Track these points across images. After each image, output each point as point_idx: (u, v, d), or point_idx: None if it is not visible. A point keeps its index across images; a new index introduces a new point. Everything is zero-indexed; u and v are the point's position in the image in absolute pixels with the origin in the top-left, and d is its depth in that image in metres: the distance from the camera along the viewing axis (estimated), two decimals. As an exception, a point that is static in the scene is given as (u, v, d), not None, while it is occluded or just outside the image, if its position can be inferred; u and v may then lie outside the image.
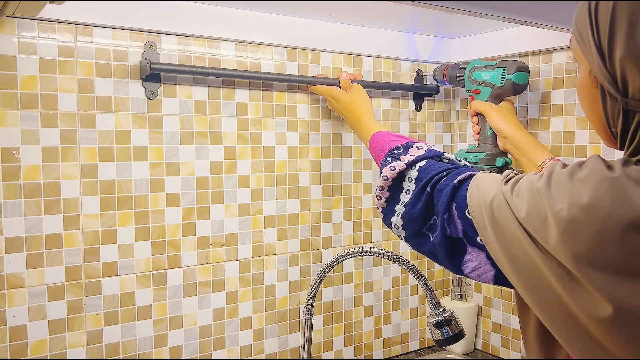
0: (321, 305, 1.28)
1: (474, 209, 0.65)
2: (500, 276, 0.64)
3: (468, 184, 0.68)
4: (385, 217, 0.82)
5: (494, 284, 0.66)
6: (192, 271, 1.10)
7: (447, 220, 0.69)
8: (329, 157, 1.27)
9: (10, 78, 0.92)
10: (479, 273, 0.67)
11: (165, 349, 1.08)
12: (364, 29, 1.28)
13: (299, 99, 1.22)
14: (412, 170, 0.78)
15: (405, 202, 0.77)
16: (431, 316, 1.04)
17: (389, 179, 0.80)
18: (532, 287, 0.59)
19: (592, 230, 0.52)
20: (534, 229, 0.57)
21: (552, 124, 1.26)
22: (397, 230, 0.78)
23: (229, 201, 1.14)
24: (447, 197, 0.69)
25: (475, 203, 0.65)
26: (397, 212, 0.78)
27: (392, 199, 0.80)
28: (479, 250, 0.66)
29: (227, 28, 1.10)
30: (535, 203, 0.57)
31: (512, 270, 0.60)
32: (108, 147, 1.01)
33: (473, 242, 0.67)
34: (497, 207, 0.62)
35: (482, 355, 1.44)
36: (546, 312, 0.58)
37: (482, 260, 0.66)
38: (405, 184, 0.78)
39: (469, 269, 0.68)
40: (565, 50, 1.23)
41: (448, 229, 0.69)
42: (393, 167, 0.80)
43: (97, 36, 0.99)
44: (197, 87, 1.09)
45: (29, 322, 0.95)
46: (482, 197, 0.64)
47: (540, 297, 0.58)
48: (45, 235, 0.96)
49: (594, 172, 0.54)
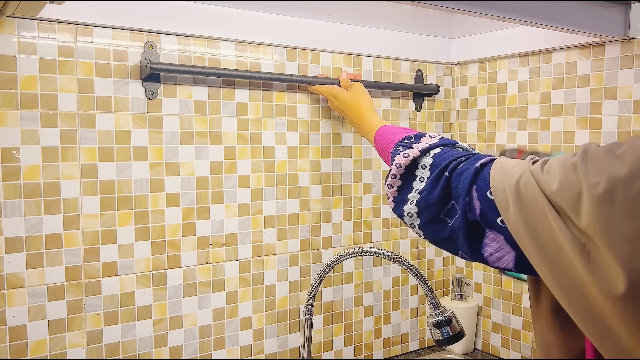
0: (321, 305, 1.28)
1: (497, 189, 0.64)
2: (521, 259, 0.63)
3: (490, 167, 0.67)
4: (396, 206, 0.80)
5: (513, 268, 0.65)
6: (192, 271, 1.10)
7: (468, 203, 0.67)
8: (329, 157, 1.27)
9: (10, 78, 0.92)
10: (499, 256, 0.66)
11: (165, 349, 1.08)
12: (364, 29, 1.28)
13: (299, 99, 1.22)
14: (427, 157, 0.77)
15: (419, 189, 0.75)
16: (431, 316, 1.04)
17: (402, 166, 0.78)
18: (553, 266, 0.58)
19: (627, 202, 0.52)
20: (566, 202, 0.56)
21: (552, 124, 1.26)
22: (410, 219, 0.76)
23: (229, 201, 1.14)
24: (469, 180, 0.68)
25: (498, 183, 0.64)
26: (411, 200, 0.76)
27: (404, 187, 0.79)
28: (497, 233, 0.65)
29: (227, 28, 1.10)
30: (568, 177, 0.57)
31: (534, 249, 0.60)
32: (108, 147, 1.01)
33: (491, 224, 0.65)
34: (524, 185, 0.61)
35: (482, 355, 1.44)
36: (565, 292, 0.58)
37: (502, 243, 0.65)
38: (419, 171, 0.77)
39: (489, 252, 0.67)
40: (565, 50, 1.23)
41: (468, 213, 0.68)
42: (407, 154, 0.78)
43: (97, 36, 0.99)
44: (197, 87, 1.09)
45: (29, 322, 0.95)
46: (507, 177, 0.63)
47: (561, 276, 0.58)
48: (45, 235, 0.96)
49: (633, 147, 0.54)
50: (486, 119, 1.41)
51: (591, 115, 1.19)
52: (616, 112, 1.15)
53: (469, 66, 1.45)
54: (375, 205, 1.36)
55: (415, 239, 1.43)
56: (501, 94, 1.37)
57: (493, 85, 1.39)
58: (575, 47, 1.21)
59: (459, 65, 1.47)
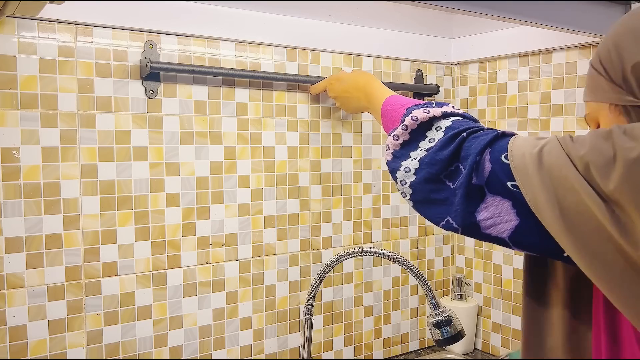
0: (321, 305, 1.28)
1: (515, 154, 0.63)
2: (522, 228, 0.62)
3: (512, 137, 0.66)
4: (393, 159, 0.76)
5: (507, 238, 0.63)
6: (192, 271, 1.10)
7: (477, 163, 0.65)
8: (329, 157, 1.27)
9: (10, 78, 0.92)
10: (494, 222, 0.64)
11: (165, 349, 1.08)
12: (364, 29, 1.28)
13: (299, 99, 1.22)
14: (446, 120, 0.74)
15: (426, 147, 0.73)
16: (431, 316, 1.04)
17: (418, 120, 0.75)
18: (576, 231, 0.57)
19: None
20: (595, 165, 0.56)
21: (552, 124, 1.26)
22: (405, 174, 0.73)
23: (229, 201, 1.14)
24: (485, 142, 0.66)
25: (517, 149, 0.63)
26: (413, 157, 0.73)
27: (410, 143, 0.75)
28: (503, 199, 0.63)
29: (227, 28, 1.10)
30: (598, 144, 0.57)
31: (553, 215, 0.58)
32: (108, 147, 1.01)
33: (499, 189, 0.63)
34: (547, 152, 0.60)
35: (482, 355, 1.44)
36: (588, 256, 0.57)
37: (505, 209, 0.63)
38: (431, 132, 0.74)
39: (483, 217, 0.65)
40: (565, 50, 1.23)
41: (474, 173, 0.66)
42: (427, 111, 0.75)
43: (97, 36, 0.99)
44: (197, 86, 1.09)
45: (29, 322, 0.95)
46: (528, 145, 0.63)
47: (585, 241, 0.57)
48: (45, 235, 0.96)
49: None
50: (486, 119, 1.41)
51: (591, 115, 1.19)
52: (616, 112, 1.14)
53: (469, 66, 1.45)
54: (375, 205, 1.36)
55: (416, 238, 1.43)
56: (501, 94, 1.37)
57: (493, 85, 1.39)
58: (575, 47, 1.21)
59: (459, 65, 1.47)
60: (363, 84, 1.07)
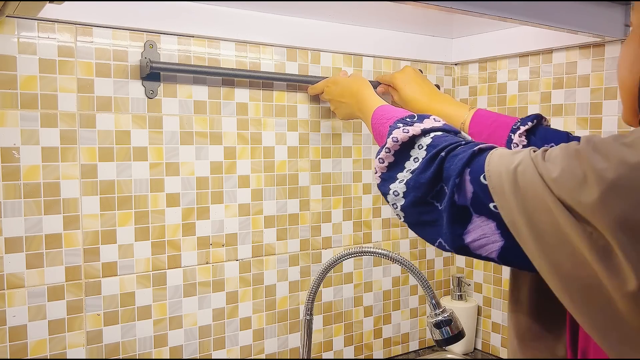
0: (321, 305, 1.28)
1: (492, 173, 0.62)
2: (508, 249, 0.61)
3: (488, 153, 0.65)
4: (382, 182, 0.77)
5: (496, 258, 0.63)
6: (192, 271, 1.10)
7: (457, 185, 0.65)
8: (329, 157, 1.27)
9: (10, 78, 0.92)
10: (482, 244, 0.63)
11: (165, 349, 1.08)
12: (364, 29, 1.28)
13: (299, 99, 1.22)
14: (426, 137, 0.74)
15: (411, 169, 0.73)
16: (431, 316, 1.04)
17: (398, 141, 0.75)
18: (552, 255, 0.56)
19: (638, 191, 0.50)
20: (566, 190, 0.54)
21: (552, 124, 1.26)
22: (395, 198, 0.73)
23: (228, 201, 1.14)
24: (463, 162, 0.65)
25: (494, 168, 0.62)
26: (400, 179, 0.73)
27: (395, 165, 0.76)
28: (488, 220, 0.63)
29: (227, 28, 1.10)
30: (571, 164, 0.55)
31: (530, 237, 0.58)
32: (108, 147, 1.01)
33: (483, 210, 0.63)
34: (522, 172, 0.59)
35: (482, 355, 1.44)
36: (564, 281, 0.56)
37: (490, 230, 0.63)
38: (414, 151, 0.74)
39: (471, 239, 0.64)
40: (565, 50, 1.23)
41: (456, 195, 0.65)
42: (407, 130, 0.75)
43: (97, 36, 0.99)
44: (197, 86, 1.09)
45: (28, 322, 0.95)
46: (504, 163, 0.62)
47: (561, 265, 0.56)
48: (45, 235, 0.96)
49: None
50: (486, 119, 1.41)
51: (591, 115, 1.19)
52: (616, 112, 1.15)
53: (469, 66, 1.45)
54: (375, 205, 1.36)
55: (416, 238, 1.43)
56: (501, 94, 1.37)
57: (493, 85, 1.39)
58: (575, 47, 1.21)
59: (459, 65, 1.47)
60: (355, 91, 1.06)
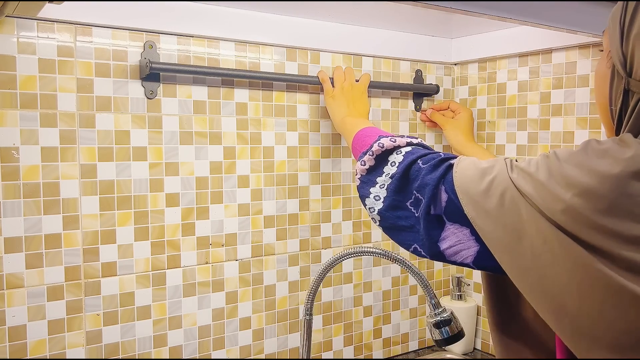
0: (321, 305, 1.28)
1: (463, 182, 0.65)
2: (483, 254, 0.64)
3: (461, 162, 0.69)
4: (362, 185, 0.80)
5: (471, 263, 0.65)
6: (191, 271, 1.10)
7: (433, 194, 0.68)
8: (328, 157, 1.27)
9: (9, 78, 0.92)
10: (457, 249, 0.66)
11: (164, 349, 1.08)
12: (363, 29, 1.28)
13: (299, 99, 1.22)
14: (407, 147, 0.78)
15: (390, 173, 0.75)
16: (431, 316, 1.04)
17: (384, 147, 0.78)
18: (521, 254, 0.59)
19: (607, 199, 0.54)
20: (540, 197, 0.57)
21: (552, 124, 1.26)
22: (374, 202, 0.76)
23: (228, 201, 1.14)
24: (440, 172, 0.68)
25: (466, 176, 0.65)
26: (380, 183, 0.76)
27: (375, 168, 0.79)
28: (462, 227, 0.65)
29: (226, 28, 1.10)
30: (543, 171, 0.58)
31: (498, 241, 0.61)
32: (107, 147, 1.01)
33: (457, 217, 0.66)
34: (494, 177, 0.62)
35: (482, 355, 1.44)
36: (533, 285, 0.59)
37: (465, 236, 0.65)
38: (392, 156, 0.77)
39: (447, 245, 0.67)
40: (565, 50, 1.23)
41: (432, 203, 0.68)
42: (394, 139, 0.79)
43: (97, 36, 0.99)
44: (197, 86, 1.09)
45: (28, 322, 0.95)
46: (477, 171, 0.64)
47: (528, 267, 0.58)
48: (45, 235, 0.96)
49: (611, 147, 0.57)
50: (486, 118, 1.41)
51: (591, 115, 1.19)
52: (616, 112, 1.14)
53: (469, 66, 1.45)
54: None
55: (415, 239, 1.43)
56: (501, 93, 1.37)
57: (493, 85, 1.39)
58: (575, 47, 1.21)
59: (459, 65, 1.47)
60: (355, 113, 1.13)
